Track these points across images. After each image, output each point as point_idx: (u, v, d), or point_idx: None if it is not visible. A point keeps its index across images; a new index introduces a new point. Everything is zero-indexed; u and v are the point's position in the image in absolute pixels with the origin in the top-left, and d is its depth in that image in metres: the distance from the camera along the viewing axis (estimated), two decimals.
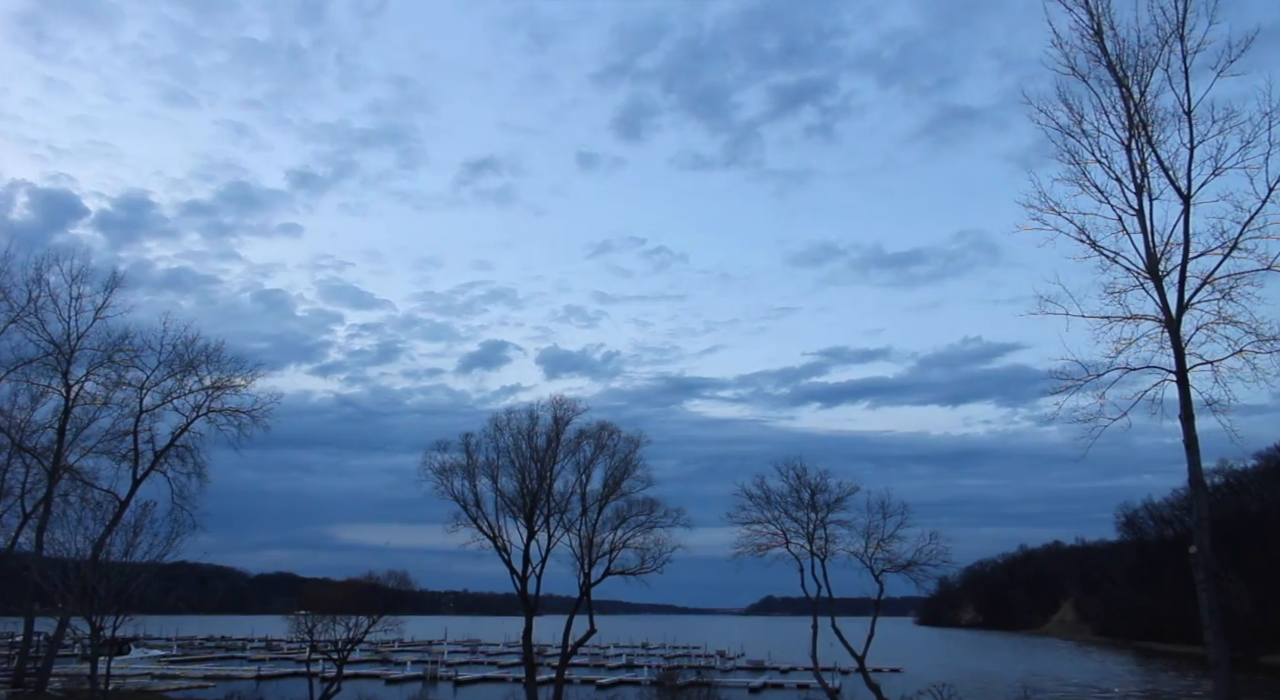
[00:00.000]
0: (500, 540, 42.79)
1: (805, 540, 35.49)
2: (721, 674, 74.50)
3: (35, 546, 42.07)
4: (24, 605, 46.11)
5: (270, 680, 69.98)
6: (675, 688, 42.16)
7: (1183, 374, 22.62)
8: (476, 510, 42.62)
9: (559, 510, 43.02)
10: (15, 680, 45.45)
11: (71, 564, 35.78)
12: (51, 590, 38.21)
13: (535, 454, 42.93)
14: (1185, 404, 22.40)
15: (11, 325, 44.27)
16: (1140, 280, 23.34)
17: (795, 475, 36.52)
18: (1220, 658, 21.78)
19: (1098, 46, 23.28)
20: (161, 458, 45.85)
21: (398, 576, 51.86)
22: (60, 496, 43.60)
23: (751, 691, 66.96)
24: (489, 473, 43.04)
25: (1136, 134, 23.14)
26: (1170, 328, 22.84)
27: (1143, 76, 22.90)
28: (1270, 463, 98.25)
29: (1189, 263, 22.78)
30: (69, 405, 45.46)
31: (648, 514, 41.68)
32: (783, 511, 36.16)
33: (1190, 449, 22.31)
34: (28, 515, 44.60)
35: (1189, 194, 22.71)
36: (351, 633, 45.49)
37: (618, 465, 42.62)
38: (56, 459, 44.34)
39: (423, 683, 71.63)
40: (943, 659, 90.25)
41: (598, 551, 42.03)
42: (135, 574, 34.93)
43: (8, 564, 44.95)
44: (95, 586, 33.57)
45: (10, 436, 44.13)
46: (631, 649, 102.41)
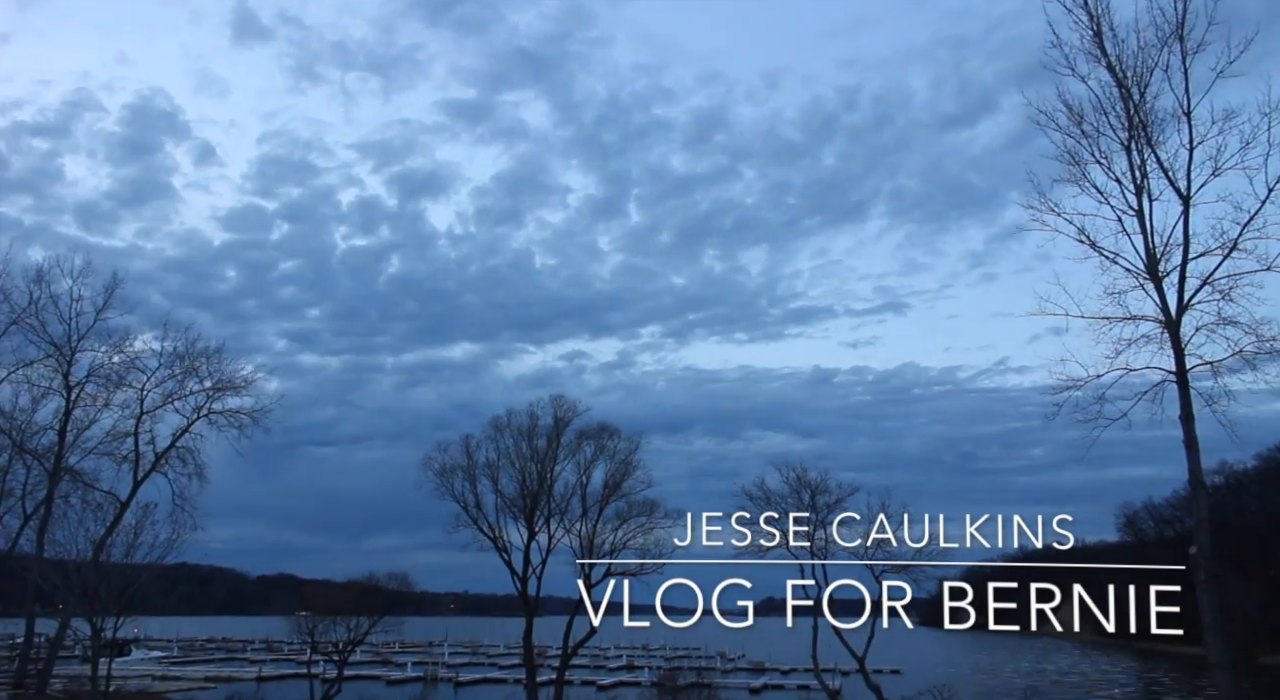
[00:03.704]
0: (500, 541, 42.90)
1: (805, 541, 35.50)
2: (722, 675, 74.50)
3: (36, 548, 42.07)
4: (25, 606, 46.14)
5: (271, 681, 69.99)
6: (676, 688, 42.19)
7: (1182, 374, 22.66)
8: (477, 511, 42.74)
9: (559, 511, 43.10)
10: (16, 682, 45.45)
11: (72, 565, 35.82)
12: (52, 591, 38.30)
13: (535, 455, 43.00)
14: (1185, 404, 22.45)
15: (12, 326, 44.33)
16: (1140, 281, 23.42)
17: (795, 476, 36.53)
18: (1221, 658, 21.82)
19: (1097, 48, 23.34)
20: (162, 459, 45.87)
21: (398, 577, 51.97)
22: (61, 498, 43.62)
23: (752, 692, 66.94)
24: (489, 474, 43.17)
25: (1136, 135, 23.21)
26: (1170, 328, 22.89)
27: (1142, 77, 22.98)
28: (1270, 463, 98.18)
29: (1189, 263, 22.87)
30: (70, 406, 45.47)
31: (648, 515, 41.74)
32: (782, 513, 36.14)
33: (1190, 449, 22.36)
34: (29, 516, 44.61)
35: (1188, 195, 22.77)
36: (352, 634, 45.55)
37: (618, 466, 42.70)
38: (57, 460, 44.35)
39: (423, 684, 71.55)
40: (943, 660, 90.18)
41: (598, 552, 42.06)
42: (136, 575, 34.99)
43: (9, 565, 44.97)
44: (96, 588, 33.60)
45: (11, 438, 44.16)
46: (632, 650, 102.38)
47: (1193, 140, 22.58)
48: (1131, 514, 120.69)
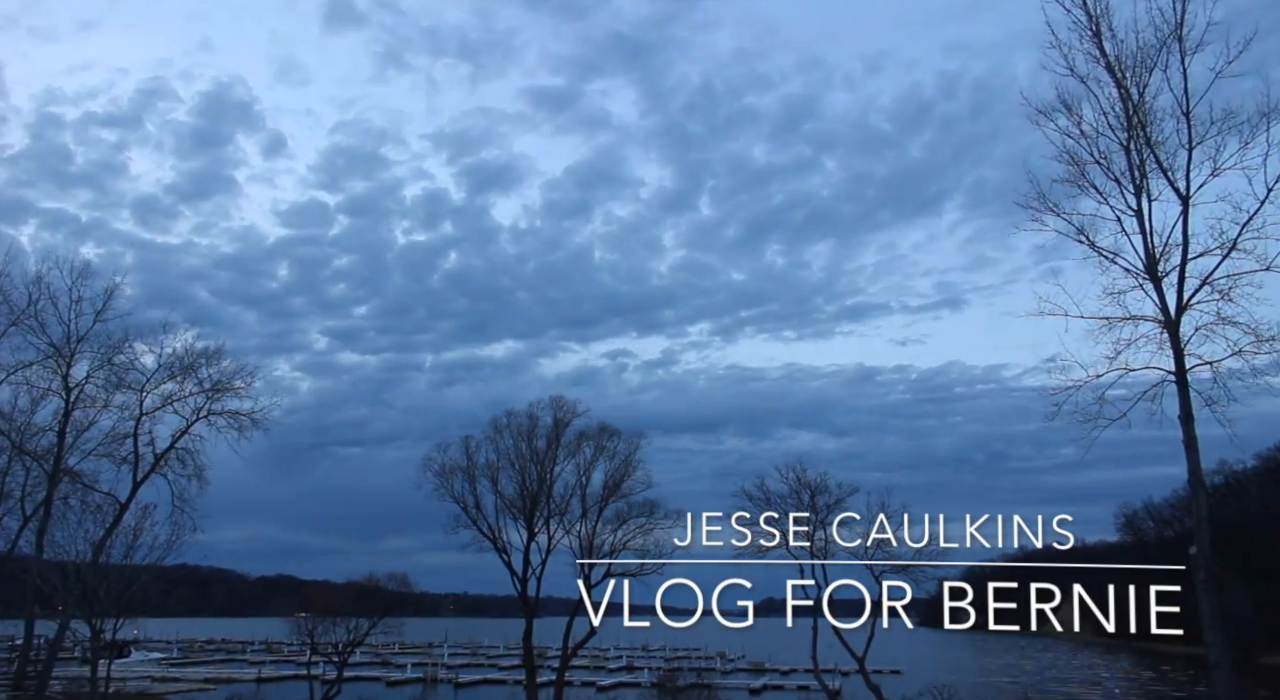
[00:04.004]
0: (500, 542, 42.89)
1: (805, 541, 35.48)
2: (722, 675, 74.49)
3: (36, 549, 42.05)
4: (24, 608, 46.12)
5: (271, 683, 69.90)
6: (675, 689, 42.19)
7: (1182, 374, 22.66)
8: (476, 512, 42.75)
9: (559, 512, 43.10)
10: (15, 683, 45.43)
11: (72, 567, 35.85)
12: (52, 593, 38.26)
13: (535, 456, 43.01)
14: (1184, 404, 22.45)
15: (12, 328, 44.31)
16: (1139, 281, 23.42)
17: (795, 476, 36.52)
18: (1221, 658, 21.81)
19: (1096, 47, 23.34)
20: (162, 460, 45.85)
21: (398, 578, 51.96)
22: (60, 499, 43.60)
23: (752, 693, 66.90)
24: (489, 475, 43.17)
25: (1135, 135, 23.21)
26: (1169, 328, 22.89)
27: (1141, 77, 22.99)
28: (1270, 463, 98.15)
29: (1188, 263, 22.87)
30: (69, 408, 45.45)
31: (648, 515, 41.73)
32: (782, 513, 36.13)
33: (1190, 449, 22.35)
34: (28, 518, 44.58)
35: (1188, 195, 22.77)
36: (352, 635, 45.53)
37: (618, 467, 42.69)
38: (57, 462, 44.32)
39: (423, 685, 71.56)
40: (943, 660, 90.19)
41: (598, 553, 42.04)
42: (135, 576, 34.98)
43: (8, 567, 44.95)
44: (95, 589, 33.60)
45: (10, 439, 44.13)
46: (632, 650, 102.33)
47: (1192, 140, 22.59)
48: (1131, 514, 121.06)
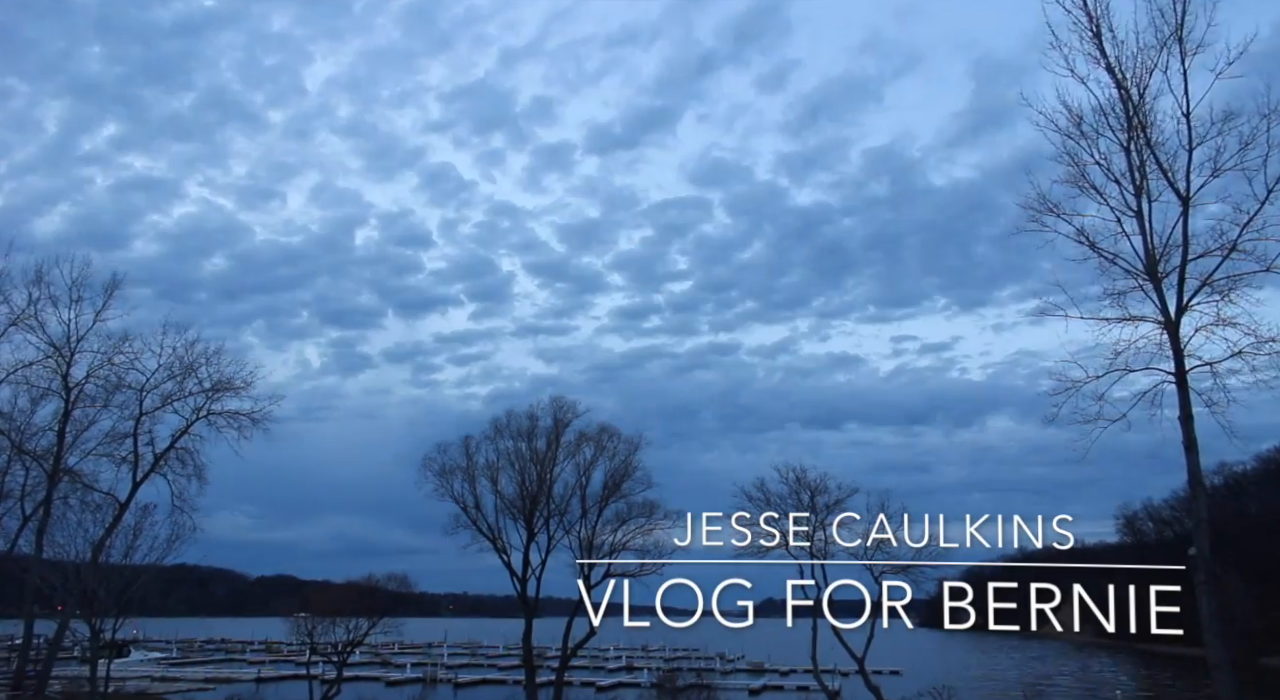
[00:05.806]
0: (500, 542, 42.87)
1: (805, 541, 35.48)
2: (722, 676, 74.48)
3: (35, 549, 41.99)
4: (24, 608, 46.06)
5: (270, 683, 69.81)
6: (675, 689, 42.20)
7: (1182, 375, 22.65)
8: (476, 512, 42.77)
9: (559, 512, 43.08)
10: (15, 683, 45.40)
11: (71, 566, 35.81)
12: (51, 593, 38.22)
13: (535, 456, 42.99)
14: (1184, 405, 22.44)
15: (11, 327, 44.27)
16: (1139, 282, 23.41)
17: (795, 477, 36.51)
18: (1220, 658, 21.80)
19: (1097, 48, 23.33)
20: (161, 460, 45.81)
21: (397, 578, 51.93)
22: (60, 499, 43.53)
23: (751, 693, 66.87)
24: (489, 475, 43.17)
25: (1135, 136, 23.20)
26: (1169, 329, 22.88)
27: (1141, 79, 22.98)
28: (1270, 464, 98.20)
29: (1188, 264, 22.86)
30: (69, 407, 45.38)
31: (648, 516, 41.72)
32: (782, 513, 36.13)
33: (1189, 450, 22.34)
34: (28, 518, 44.52)
35: (1188, 196, 22.76)
36: (351, 635, 45.52)
37: (617, 467, 42.69)
38: (56, 461, 44.28)
39: (423, 685, 71.56)
40: (942, 661, 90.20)
41: (598, 553, 42.03)
42: (135, 576, 34.95)
43: (7, 566, 44.94)
44: (95, 589, 33.58)
45: (10, 439, 44.09)
46: (631, 651, 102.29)
47: (1192, 141, 22.59)
48: (1131, 514, 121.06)
